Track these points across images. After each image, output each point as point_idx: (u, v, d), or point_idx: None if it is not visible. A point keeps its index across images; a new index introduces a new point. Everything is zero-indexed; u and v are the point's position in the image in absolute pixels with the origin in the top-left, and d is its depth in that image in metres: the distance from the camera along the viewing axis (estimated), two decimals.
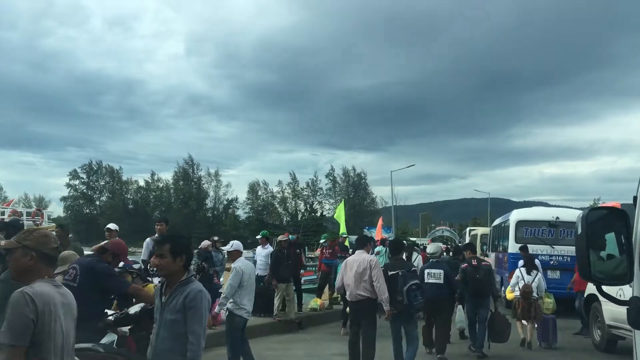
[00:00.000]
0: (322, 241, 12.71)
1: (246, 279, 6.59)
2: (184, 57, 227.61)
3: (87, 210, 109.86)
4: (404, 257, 8.20)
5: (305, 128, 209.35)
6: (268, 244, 11.44)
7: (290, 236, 11.77)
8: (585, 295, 9.92)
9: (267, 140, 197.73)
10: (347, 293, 7.18)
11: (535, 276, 9.56)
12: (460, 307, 9.33)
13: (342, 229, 14.15)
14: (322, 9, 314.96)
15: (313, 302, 12.21)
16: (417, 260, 12.49)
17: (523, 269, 9.78)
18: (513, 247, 14.04)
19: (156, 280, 7.24)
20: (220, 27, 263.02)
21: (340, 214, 15.23)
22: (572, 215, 14.38)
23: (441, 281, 8.09)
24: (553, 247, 13.80)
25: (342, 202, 16.05)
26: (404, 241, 13.66)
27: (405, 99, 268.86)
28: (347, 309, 8.62)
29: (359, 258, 7.13)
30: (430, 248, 9.29)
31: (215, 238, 10.00)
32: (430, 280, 8.11)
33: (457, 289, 8.47)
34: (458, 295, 8.60)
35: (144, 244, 8.50)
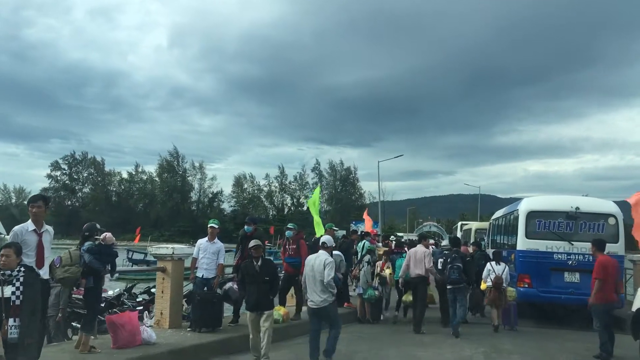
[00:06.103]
0: (287, 233, 10.02)
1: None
2: (168, 49, 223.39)
3: (69, 202, 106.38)
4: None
5: (291, 123, 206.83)
6: (217, 238, 8.87)
7: (246, 227, 9.27)
8: (635, 310, 7.46)
9: (252, 134, 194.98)
10: (410, 272, 10.30)
11: (504, 269, 10.75)
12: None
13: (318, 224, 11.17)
14: (307, 4, 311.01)
15: (275, 312, 9.60)
16: None
17: (493, 263, 10.92)
18: (523, 243, 11.69)
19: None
20: (204, 19, 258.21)
21: (313, 203, 12.22)
22: (595, 205, 11.95)
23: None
24: (572, 244, 11.34)
25: (318, 188, 12.88)
26: (406, 239, 16.88)
27: (391, 95, 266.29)
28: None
29: (418, 249, 10.36)
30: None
31: (98, 226, 7.15)
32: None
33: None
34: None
35: None
